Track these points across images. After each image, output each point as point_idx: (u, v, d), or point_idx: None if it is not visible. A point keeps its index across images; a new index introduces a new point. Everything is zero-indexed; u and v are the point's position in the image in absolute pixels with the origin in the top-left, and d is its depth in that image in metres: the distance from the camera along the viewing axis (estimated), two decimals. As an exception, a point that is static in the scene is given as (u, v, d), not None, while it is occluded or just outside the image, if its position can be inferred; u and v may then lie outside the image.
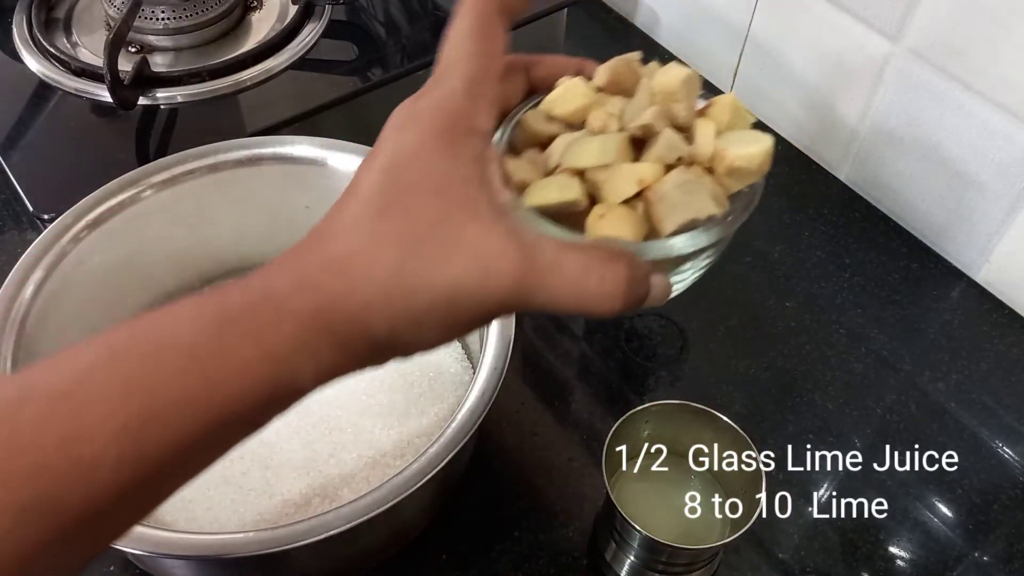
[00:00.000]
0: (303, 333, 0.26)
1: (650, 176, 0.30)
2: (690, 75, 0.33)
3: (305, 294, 0.27)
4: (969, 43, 0.58)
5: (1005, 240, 0.62)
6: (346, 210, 0.28)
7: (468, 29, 0.30)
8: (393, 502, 0.40)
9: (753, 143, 0.32)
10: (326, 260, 0.27)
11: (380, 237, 0.27)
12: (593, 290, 0.28)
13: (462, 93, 0.29)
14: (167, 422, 0.25)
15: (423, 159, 0.28)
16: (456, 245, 0.27)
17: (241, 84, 0.65)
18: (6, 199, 0.66)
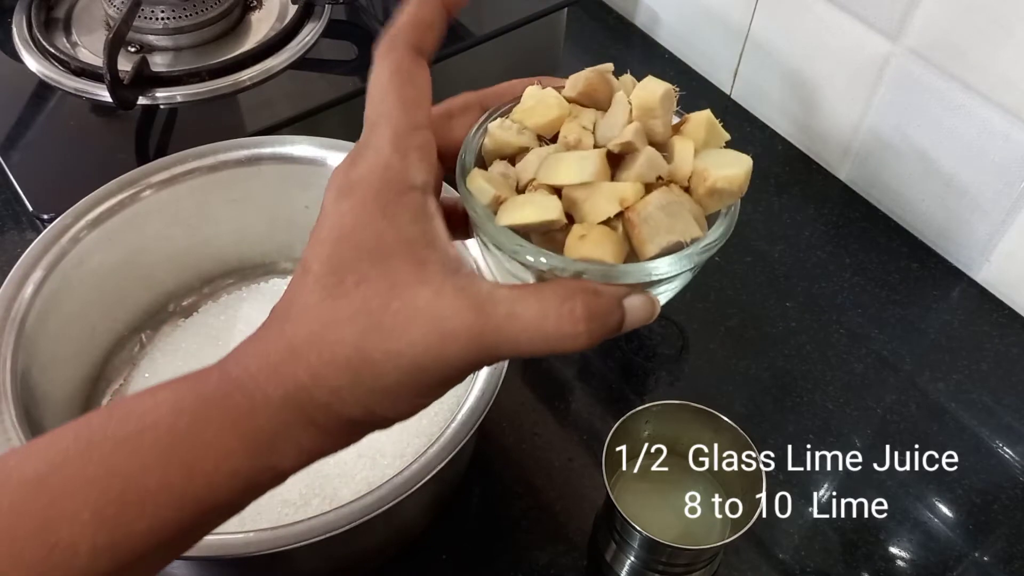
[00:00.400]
0: (278, 421, 0.26)
1: (632, 196, 0.29)
2: (668, 90, 0.32)
3: (274, 382, 0.26)
4: (969, 43, 0.58)
5: (1005, 240, 0.62)
6: (300, 291, 0.28)
7: (386, 83, 0.29)
8: (393, 502, 0.40)
9: (734, 164, 0.32)
10: (289, 347, 0.27)
11: (336, 317, 0.27)
12: (553, 332, 0.27)
13: (390, 152, 0.28)
14: (144, 510, 0.25)
15: (362, 228, 0.27)
16: (411, 312, 0.26)
17: (241, 84, 0.65)
18: (6, 199, 0.66)
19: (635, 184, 0.29)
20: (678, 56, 0.81)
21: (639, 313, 0.29)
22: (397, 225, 0.28)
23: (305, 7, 0.70)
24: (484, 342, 0.26)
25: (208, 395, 0.26)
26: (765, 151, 0.74)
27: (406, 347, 0.26)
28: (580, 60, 0.81)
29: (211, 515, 0.26)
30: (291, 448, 0.27)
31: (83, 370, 0.54)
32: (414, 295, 0.26)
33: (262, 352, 0.27)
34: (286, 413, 0.26)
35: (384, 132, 0.29)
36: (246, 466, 0.26)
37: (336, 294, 0.27)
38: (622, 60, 0.82)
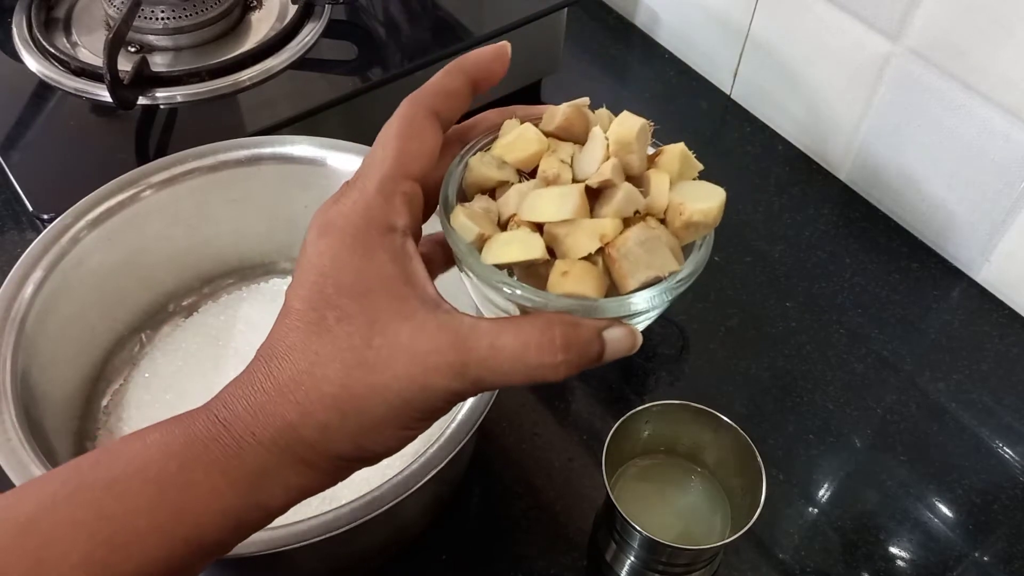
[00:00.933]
0: (266, 460, 0.26)
1: (611, 232, 0.30)
2: (643, 125, 0.32)
3: (261, 423, 0.27)
4: (969, 43, 0.58)
5: (1005, 240, 0.62)
6: (283, 330, 0.28)
7: (392, 133, 0.30)
8: (393, 502, 0.40)
9: (708, 197, 0.32)
10: (276, 386, 0.27)
11: (320, 355, 0.27)
12: (534, 362, 0.27)
13: (374, 193, 0.29)
14: (133, 552, 0.25)
15: (342, 265, 0.28)
16: (393, 347, 0.27)
17: (241, 84, 0.65)
18: (6, 199, 0.66)
19: (614, 220, 0.30)
20: (678, 56, 0.81)
21: (619, 344, 0.29)
22: (377, 263, 0.28)
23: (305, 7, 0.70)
24: (468, 374, 0.27)
25: (196, 437, 0.27)
26: (765, 151, 0.74)
27: (391, 380, 0.27)
28: (580, 60, 0.81)
29: (199, 555, 0.26)
30: (279, 487, 0.27)
31: (83, 370, 0.54)
32: (396, 330, 0.27)
33: (248, 393, 0.27)
34: (274, 453, 0.27)
35: (373, 175, 0.30)
36: (235, 506, 0.26)
37: (319, 331, 0.27)
38: (622, 60, 0.82)
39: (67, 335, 0.51)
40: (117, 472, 0.26)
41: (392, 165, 0.30)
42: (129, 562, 0.25)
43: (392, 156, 0.30)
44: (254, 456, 0.26)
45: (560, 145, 0.33)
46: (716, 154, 0.73)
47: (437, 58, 0.67)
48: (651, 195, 0.32)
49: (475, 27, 0.69)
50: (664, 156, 0.33)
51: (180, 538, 0.26)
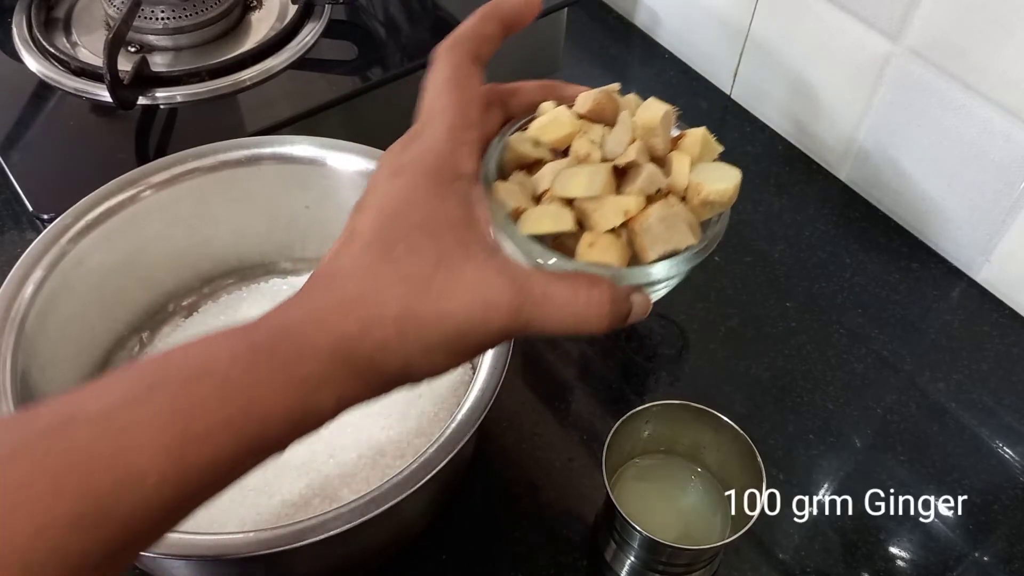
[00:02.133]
0: (324, 369, 0.29)
1: (634, 208, 0.33)
2: (668, 111, 0.36)
3: (323, 333, 0.29)
4: (969, 43, 0.58)
5: (1005, 240, 0.62)
6: (348, 254, 0.30)
7: (445, 80, 0.33)
8: (393, 502, 0.40)
9: (725, 178, 0.35)
10: (339, 302, 0.29)
11: (387, 279, 0.30)
12: (582, 313, 0.31)
13: (444, 141, 0.32)
14: (205, 445, 0.27)
15: (415, 204, 0.31)
16: (457, 283, 0.30)
17: (241, 84, 0.65)
18: (6, 199, 0.66)
19: (637, 197, 0.33)
20: (678, 56, 0.81)
21: (639, 308, 0.34)
22: (447, 206, 0.31)
23: (305, 7, 0.70)
24: (521, 316, 0.30)
25: (259, 344, 0.28)
26: (765, 151, 0.74)
27: (454, 310, 0.29)
28: (580, 60, 0.81)
29: (261, 452, 0.29)
30: (332, 396, 0.29)
31: (83, 370, 0.54)
32: (461, 267, 0.30)
33: (309, 307, 0.30)
34: (331, 363, 0.29)
35: (440, 124, 0.33)
36: (293, 409, 0.28)
37: (387, 259, 0.30)
38: (622, 60, 0.82)
39: (67, 335, 0.51)
40: (187, 375, 0.27)
41: (455, 114, 0.33)
42: (202, 457, 0.27)
43: (454, 105, 0.33)
44: (313, 365, 0.28)
45: (591, 127, 0.36)
46: (716, 154, 0.72)
47: (437, 58, 0.67)
48: (672, 175, 0.35)
49: (475, 27, 0.69)
50: (686, 139, 0.36)
51: (247, 435, 0.27)
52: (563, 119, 0.36)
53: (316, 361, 0.28)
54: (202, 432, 0.27)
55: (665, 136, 0.36)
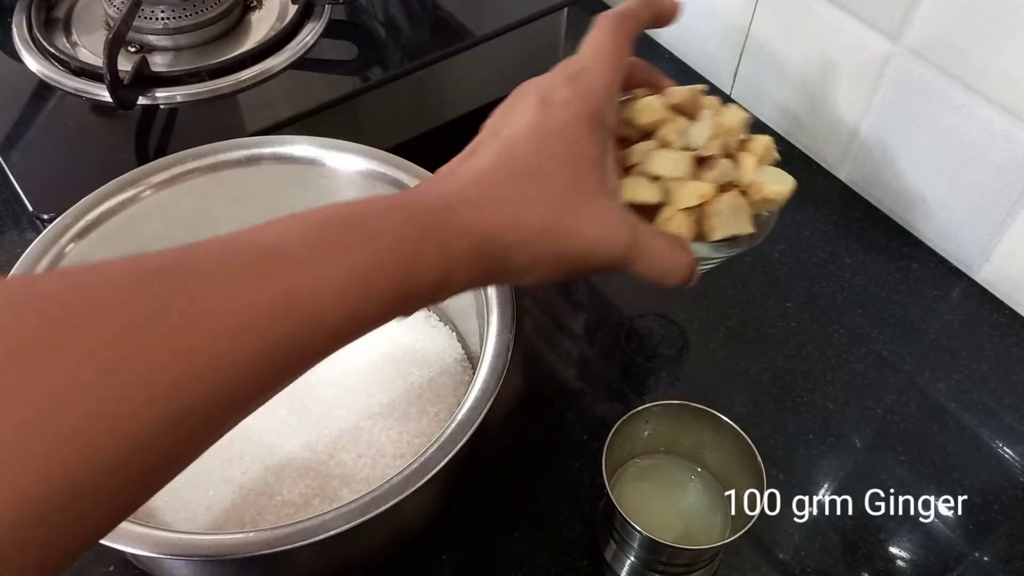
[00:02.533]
0: (470, 250, 0.33)
1: (709, 194, 0.40)
2: (745, 117, 0.43)
3: (477, 220, 0.33)
4: (969, 43, 0.58)
5: (1005, 240, 0.62)
6: (499, 160, 0.35)
7: (605, 42, 0.39)
8: (393, 502, 0.40)
9: (783, 181, 0.42)
10: (495, 198, 0.34)
11: (537, 191, 0.35)
12: (669, 266, 0.37)
13: (602, 94, 0.37)
14: (372, 302, 0.30)
15: (568, 137, 0.36)
16: (591, 212, 0.35)
17: (241, 84, 0.65)
18: (6, 199, 0.66)
19: (712, 185, 0.40)
20: (678, 56, 0.81)
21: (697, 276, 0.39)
22: (593, 145, 0.36)
23: (305, 7, 0.70)
24: (629, 253, 0.36)
25: (423, 219, 0.32)
26: (765, 151, 0.74)
27: (587, 232, 0.35)
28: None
29: (409, 303, 0.32)
30: (466, 275, 0.33)
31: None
32: (596, 200, 0.36)
33: (463, 194, 0.34)
34: (477, 247, 0.33)
35: (600, 77, 0.38)
36: (439, 278, 0.32)
37: (538, 175, 0.35)
38: (622, 60, 0.82)
39: (67, 335, 0.51)
40: (368, 235, 0.31)
41: (612, 75, 0.38)
42: (368, 312, 0.30)
43: (612, 66, 0.38)
44: (465, 245, 0.33)
45: (676, 118, 0.42)
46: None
47: (437, 58, 0.67)
48: (740, 171, 0.41)
49: (475, 27, 0.69)
50: (754, 143, 0.43)
51: (401, 298, 0.31)
52: (656, 106, 0.42)
53: (467, 242, 0.33)
54: (375, 287, 0.30)
55: (738, 137, 0.42)
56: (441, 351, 0.55)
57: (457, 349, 0.56)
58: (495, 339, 0.46)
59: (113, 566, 0.50)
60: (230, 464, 0.49)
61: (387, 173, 0.54)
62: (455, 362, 0.55)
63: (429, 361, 0.54)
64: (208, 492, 0.48)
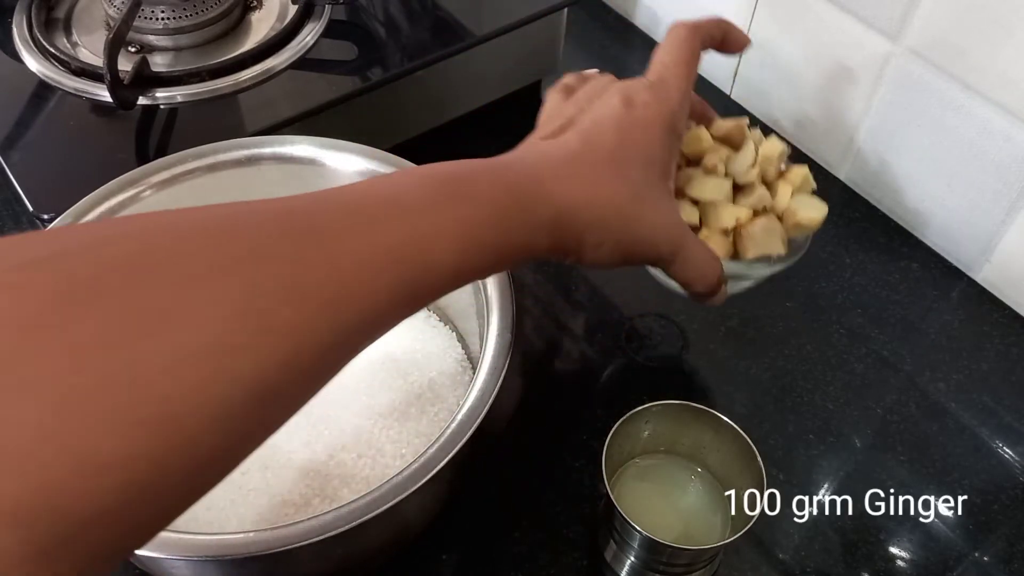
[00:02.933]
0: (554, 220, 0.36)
1: (745, 218, 0.45)
2: (784, 149, 0.47)
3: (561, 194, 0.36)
4: (969, 43, 0.58)
5: (1005, 240, 0.62)
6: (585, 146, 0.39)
7: (681, 57, 0.43)
8: (393, 502, 0.40)
9: (816, 209, 0.46)
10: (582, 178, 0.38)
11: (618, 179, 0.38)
12: (704, 272, 0.42)
13: (678, 103, 0.42)
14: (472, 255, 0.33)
15: (648, 137, 0.40)
16: (658, 208, 0.40)
17: (241, 84, 0.65)
18: (6, 199, 0.66)
19: (748, 210, 0.45)
20: (678, 56, 0.81)
21: (720, 295, 0.44)
22: (665, 151, 0.41)
23: (305, 7, 0.70)
24: (678, 252, 0.40)
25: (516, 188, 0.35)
26: (765, 151, 0.74)
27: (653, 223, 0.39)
28: (580, 60, 0.81)
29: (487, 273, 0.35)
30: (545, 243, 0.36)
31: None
32: (662, 198, 0.40)
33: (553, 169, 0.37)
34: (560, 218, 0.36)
35: (676, 85, 0.42)
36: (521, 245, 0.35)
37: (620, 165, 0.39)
38: (622, 60, 0.82)
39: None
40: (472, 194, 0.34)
41: (686, 85, 0.43)
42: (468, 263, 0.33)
43: (687, 78, 0.43)
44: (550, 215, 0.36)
45: (720, 147, 0.47)
46: (716, 154, 0.72)
47: (437, 58, 0.67)
48: (776, 198, 0.46)
49: (475, 27, 0.69)
50: (791, 173, 0.47)
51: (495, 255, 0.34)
52: (703, 136, 0.46)
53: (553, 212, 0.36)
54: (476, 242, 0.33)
55: (777, 167, 0.47)
56: (441, 351, 0.55)
57: (457, 349, 0.56)
58: (495, 339, 0.46)
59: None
60: (230, 464, 0.49)
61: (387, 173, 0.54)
62: (455, 362, 0.55)
63: (429, 361, 0.54)
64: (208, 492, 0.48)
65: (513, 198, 0.35)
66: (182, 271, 0.25)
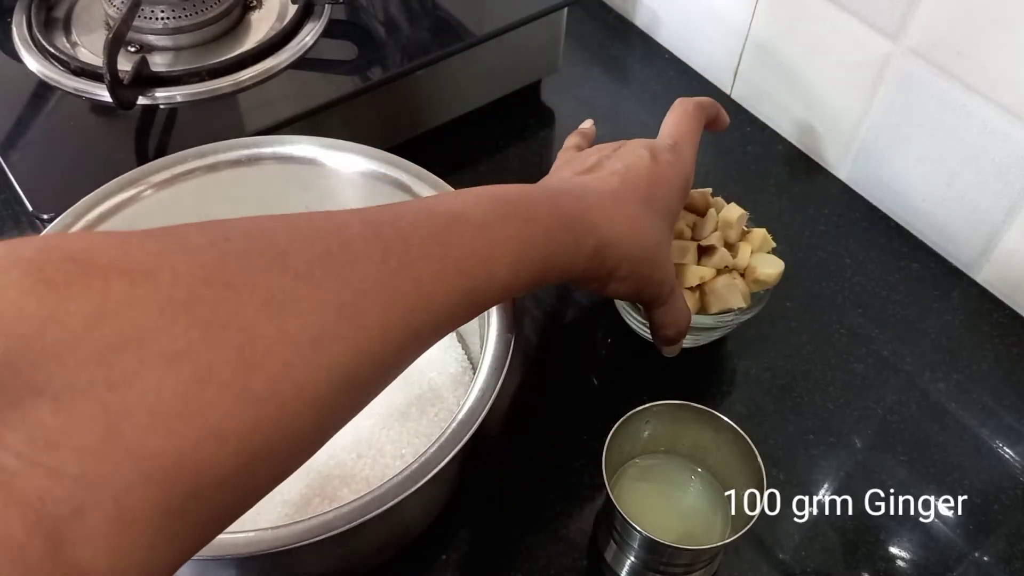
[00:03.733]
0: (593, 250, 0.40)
1: (708, 276, 0.52)
2: (742, 214, 0.55)
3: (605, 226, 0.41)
4: (969, 43, 0.58)
5: (1005, 240, 0.62)
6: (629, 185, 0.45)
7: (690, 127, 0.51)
8: (393, 502, 0.40)
9: (773, 265, 0.54)
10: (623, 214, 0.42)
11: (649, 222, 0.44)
12: (682, 320, 0.49)
13: (690, 164, 0.49)
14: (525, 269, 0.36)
15: (668, 191, 0.47)
16: (669, 254, 0.47)
17: (241, 84, 0.65)
18: (6, 199, 0.66)
19: (711, 269, 0.52)
20: (678, 56, 0.81)
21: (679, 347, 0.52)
22: (677, 205, 0.48)
23: (305, 7, 0.70)
24: (668, 299, 0.47)
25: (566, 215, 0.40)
26: (765, 151, 0.74)
27: (665, 264, 0.46)
28: (580, 60, 0.81)
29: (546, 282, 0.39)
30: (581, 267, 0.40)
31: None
32: (668, 245, 0.47)
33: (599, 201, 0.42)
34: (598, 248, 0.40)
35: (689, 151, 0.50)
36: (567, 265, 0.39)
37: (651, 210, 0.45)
38: (622, 60, 0.82)
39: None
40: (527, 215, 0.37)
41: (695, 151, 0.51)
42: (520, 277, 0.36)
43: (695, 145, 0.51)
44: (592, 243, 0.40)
45: (686, 214, 0.55)
46: (716, 154, 0.72)
47: (437, 58, 0.67)
48: (738, 257, 0.54)
49: (475, 27, 0.69)
50: (751, 234, 0.55)
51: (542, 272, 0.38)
52: None
53: (594, 242, 0.40)
54: (528, 260, 0.36)
55: (738, 229, 0.54)
56: (441, 351, 0.55)
57: (457, 349, 0.56)
58: (495, 339, 0.46)
59: (113, 566, 0.50)
60: (230, 464, 0.49)
61: (387, 173, 0.54)
62: (455, 362, 0.55)
63: (429, 361, 0.54)
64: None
65: (564, 223, 0.39)
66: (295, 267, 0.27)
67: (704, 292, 0.52)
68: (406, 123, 0.70)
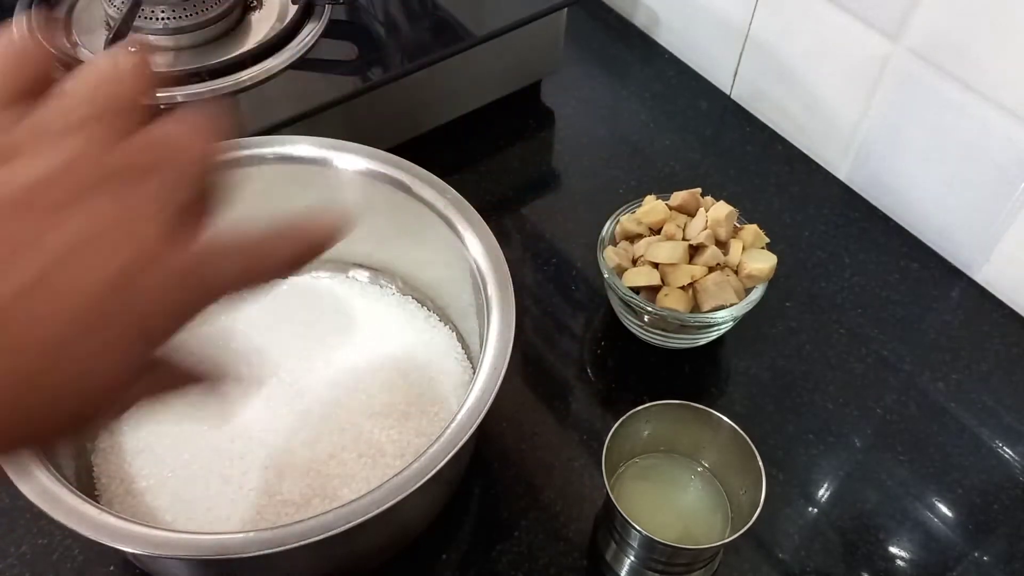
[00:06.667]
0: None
1: (699, 274, 0.53)
2: (732, 211, 0.55)
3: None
4: (969, 43, 0.58)
5: (1005, 240, 0.62)
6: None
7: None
8: (393, 502, 0.40)
9: (765, 261, 0.54)
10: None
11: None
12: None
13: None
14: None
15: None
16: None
17: (241, 84, 0.65)
18: (6, 199, 0.66)
19: (702, 267, 0.53)
20: (678, 56, 0.81)
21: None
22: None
23: (305, 7, 0.70)
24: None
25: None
26: (765, 151, 0.74)
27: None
28: (580, 60, 0.81)
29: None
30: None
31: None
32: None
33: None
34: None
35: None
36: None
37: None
38: (622, 60, 0.82)
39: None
40: None
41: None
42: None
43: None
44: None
45: (678, 215, 0.56)
46: (716, 154, 0.72)
47: (437, 58, 0.67)
48: (729, 254, 0.54)
49: (475, 27, 0.69)
50: (743, 231, 0.56)
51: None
52: (660, 208, 0.56)
53: None
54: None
55: (728, 227, 0.54)
56: (441, 351, 0.55)
57: (457, 349, 0.56)
58: (495, 339, 0.46)
59: (113, 566, 0.50)
60: (230, 464, 0.49)
61: (387, 173, 0.54)
62: (455, 362, 0.55)
63: (429, 361, 0.54)
64: (208, 492, 0.48)
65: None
66: None
67: (696, 290, 0.53)
68: (406, 123, 0.70)
